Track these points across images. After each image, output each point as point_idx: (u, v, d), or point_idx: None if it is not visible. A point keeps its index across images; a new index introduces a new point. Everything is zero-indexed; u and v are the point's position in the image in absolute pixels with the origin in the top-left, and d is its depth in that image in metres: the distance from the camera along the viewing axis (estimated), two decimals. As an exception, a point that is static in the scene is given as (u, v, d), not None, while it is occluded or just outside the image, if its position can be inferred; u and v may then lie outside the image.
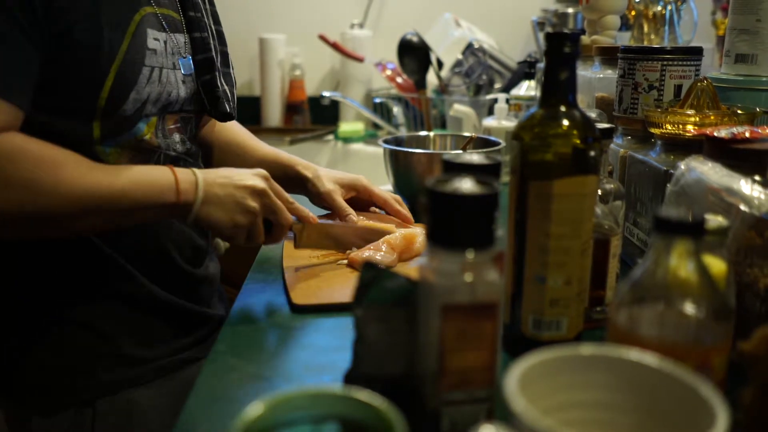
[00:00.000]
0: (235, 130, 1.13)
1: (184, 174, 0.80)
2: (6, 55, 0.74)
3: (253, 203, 0.81)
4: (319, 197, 1.00)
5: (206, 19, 0.97)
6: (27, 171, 0.74)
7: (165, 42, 0.89)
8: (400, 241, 0.90)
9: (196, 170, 0.81)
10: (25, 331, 0.89)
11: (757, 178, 0.61)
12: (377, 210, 1.04)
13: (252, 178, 0.82)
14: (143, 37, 0.84)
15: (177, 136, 0.94)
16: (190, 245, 0.97)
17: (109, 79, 0.80)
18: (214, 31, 1.00)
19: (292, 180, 1.02)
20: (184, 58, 0.92)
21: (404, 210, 1.02)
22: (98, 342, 0.88)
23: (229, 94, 0.99)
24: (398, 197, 1.05)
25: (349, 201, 1.01)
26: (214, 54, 0.96)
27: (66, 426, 0.87)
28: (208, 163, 1.11)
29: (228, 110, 0.97)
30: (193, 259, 0.98)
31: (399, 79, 1.94)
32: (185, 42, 0.94)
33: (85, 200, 0.76)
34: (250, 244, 0.83)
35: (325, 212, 1.01)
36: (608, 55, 1.11)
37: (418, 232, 0.93)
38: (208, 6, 1.01)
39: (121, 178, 0.78)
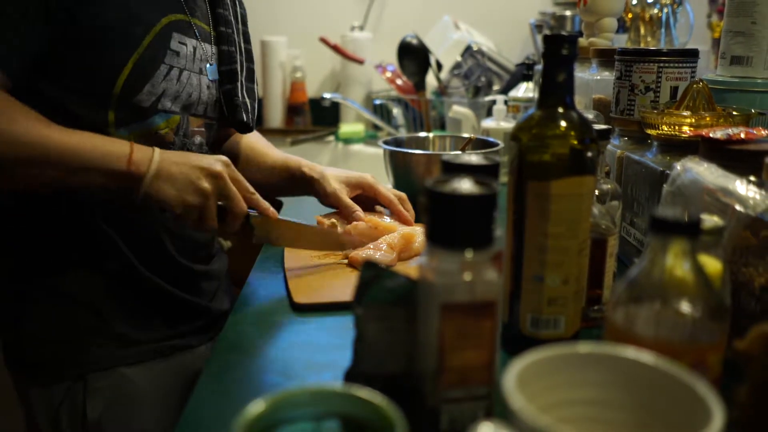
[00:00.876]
0: (254, 139, 1.14)
1: (141, 148, 0.80)
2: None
3: (206, 184, 0.79)
4: (326, 197, 1.00)
5: (236, 37, 1.01)
6: None
7: (194, 48, 0.92)
8: (399, 241, 0.90)
9: (156, 149, 0.80)
10: (21, 303, 0.91)
11: (752, 178, 0.61)
12: (382, 209, 1.04)
13: (210, 160, 0.81)
14: (167, 38, 0.87)
15: (198, 139, 0.96)
16: (190, 239, 0.98)
17: (126, 68, 0.82)
18: (243, 49, 1.03)
19: (300, 182, 1.02)
20: (211, 65, 0.96)
21: (406, 211, 1.02)
22: (91, 318, 0.90)
23: (249, 107, 1.01)
24: (404, 196, 1.05)
25: (355, 199, 1.01)
26: (238, 68, 0.99)
27: (60, 398, 0.89)
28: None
29: (245, 119, 0.99)
30: (192, 253, 0.98)
31: (399, 81, 1.94)
32: (213, 52, 0.97)
33: (32, 148, 0.75)
34: (201, 227, 0.81)
35: (332, 210, 1.01)
36: (605, 57, 1.12)
37: (417, 232, 0.93)
38: (240, 26, 1.04)
39: (74, 137, 0.78)
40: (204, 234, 1.01)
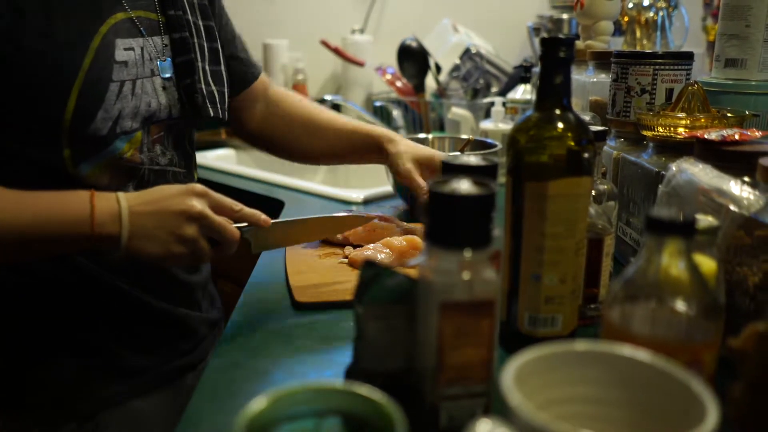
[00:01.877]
0: (298, 105, 1.08)
1: (103, 203, 0.69)
2: None
3: (189, 230, 0.70)
4: (398, 175, 0.98)
5: (189, 16, 0.90)
6: None
7: (142, 48, 0.83)
8: (401, 244, 0.89)
9: (121, 198, 0.70)
10: (23, 350, 0.86)
11: (746, 179, 0.61)
12: (393, 219, 0.99)
13: (185, 200, 0.70)
14: (110, 50, 0.78)
15: (158, 148, 0.87)
16: None
17: (71, 99, 0.74)
18: (201, 28, 0.92)
19: (374, 151, 1.00)
20: (164, 61, 0.85)
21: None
22: (96, 357, 0.86)
23: (216, 95, 0.92)
24: None
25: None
26: (196, 54, 0.89)
27: None
28: (274, 146, 1.09)
29: (212, 114, 0.90)
30: (189, 266, 0.95)
31: (399, 83, 1.94)
32: (165, 44, 0.87)
33: None
34: (196, 263, 0.75)
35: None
36: (602, 60, 1.11)
37: (418, 233, 0.92)
38: (195, 0, 0.93)
39: (26, 212, 0.69)
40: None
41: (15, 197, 0.70)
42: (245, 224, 0.75)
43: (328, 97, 1.92)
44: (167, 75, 0.86)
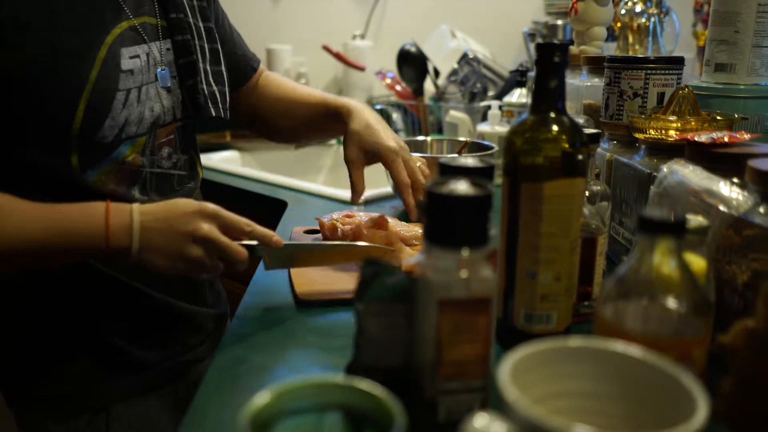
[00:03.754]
0: (279, 85, 1.07)
1: (118, 218, 0.69)
2: None
3: (196, 252, 0.68)
4: (345, 159, 0.96)
5: (190, 19, 0.89)
6: None
7: (147, 54, 0.83)
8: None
9: (135, 211, 0.70)
10: (36, 345, 0.87)
11: (735, 180, 0.61)
12: (386, 216, 0.96)
13: (193, 221, 0.68)
14: (116, 60, 0.78)
15: (165, 151, 0.87)
16: None
17: (79, 110, 0.74)
18: (202, 29, 0.91)
19: (338, 122, 0.97)
20: (163, 70, 0.85)
21: (412, 201, 0.95)
22: (106, 352, 0.86)
23: (218, 95, 0.92)
24: (420, 181, 0.97)
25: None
26: (198, 56, 0.89)
27: (82, 431, 0.86)
28: (260, 125, 1.07)
29: (214, 114, 0.90)
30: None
31: (398, 87, 1.94)
32: (167, 48, 0.87)
33: (3, 253, 0.68)
34: (204, 278, 0.72)
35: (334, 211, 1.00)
36: (595, 65, 1.11)
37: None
38: (195, 2, 0.92)
39: (43, 224, 0.69)
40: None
41: (33, 210, 0.70)
42: (257, 242, 0.73)
43: (329, 101, 1.92)
44: (164, 85, 0.85)
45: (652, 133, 0.81)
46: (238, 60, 1.04)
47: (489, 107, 1.47)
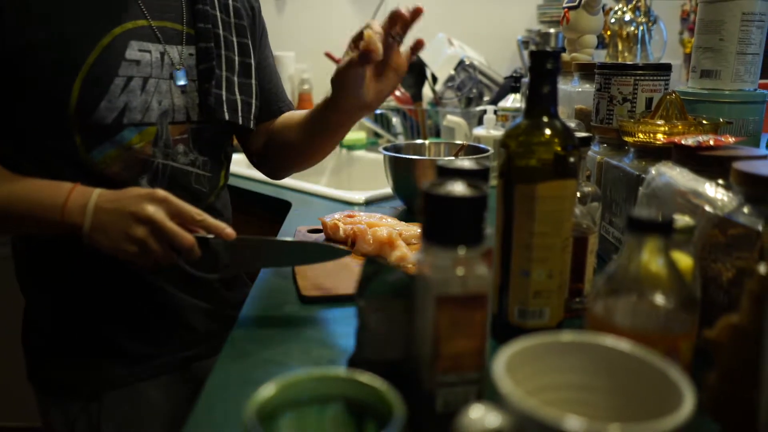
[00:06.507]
0: (287, 125, 1.04)
1: (78, 196, 0.72)
2: None
3: (139, 231, 0.68)
4: (344, 66, 0.92)
5: (220, 30, 0.91)
6: None
7: (161, 54, 0.84)
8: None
9: (95, 193, 0.72)
10: (41, 332, 0.88)
11: (720, 181, 0.61)
12: (386, 216, 0.97)
13: (140, 203, 0.69)
14: (120, 49, 0.79)
15: (181, 147, 0.88)
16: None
17: (74, 89, 0.76)
18: (234, 43, 0.93)
19: (327, 108, 0.93)
20: (179, 70, 0.86)
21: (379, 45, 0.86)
22: (104, 341, 0.86)
23: (240, 103, 0.92)
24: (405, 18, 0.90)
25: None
26: (220, 64, 0.89)
27: (76, 416, 0.86)
28: (284, 157, 1.03)
29: (228, 118, 0.90)
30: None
31: (397, 93, 1.94)
32: (189, 53, 0.88)
33: None
34: (150, 264, 0.70)
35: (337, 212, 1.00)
36: (586, 71, 1.12)
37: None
38: (232, 19, 0.94)
39: (13, 190, 0.74)
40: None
41: (6, 173, 0.75)
42: (213, 235, 0.71)
43: (331, 106, 1.91)
44: (181, 84, 0.87)
45: (641, 136, 0.82)
46: (272, 96, 1.04)
47: (484, 112, 1.47)
